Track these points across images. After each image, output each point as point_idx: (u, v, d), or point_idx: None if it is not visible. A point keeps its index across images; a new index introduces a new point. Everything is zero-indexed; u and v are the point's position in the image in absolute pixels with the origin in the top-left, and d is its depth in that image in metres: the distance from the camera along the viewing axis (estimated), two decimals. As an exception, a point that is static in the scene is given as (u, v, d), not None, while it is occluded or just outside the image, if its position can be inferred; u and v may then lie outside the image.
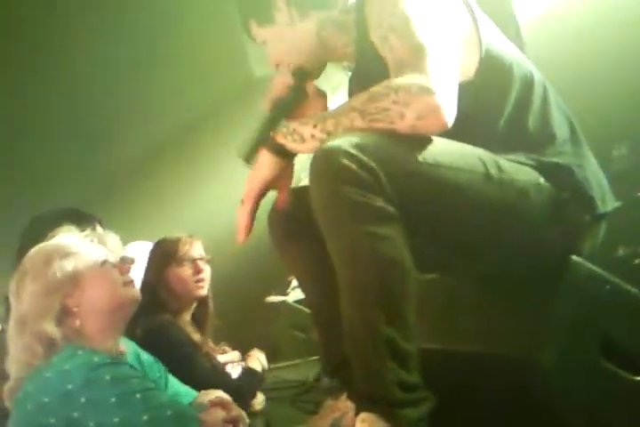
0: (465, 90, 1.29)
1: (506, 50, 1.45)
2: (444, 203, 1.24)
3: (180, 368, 1.82)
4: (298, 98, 1.53)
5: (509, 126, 1.39)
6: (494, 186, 1.27)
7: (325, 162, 1.18)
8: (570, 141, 1.43)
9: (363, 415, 1.19)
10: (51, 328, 1.47)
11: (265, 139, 1.42)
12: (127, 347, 1.68)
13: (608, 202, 1.42)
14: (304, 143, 1.33)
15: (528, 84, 1.43)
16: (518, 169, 1.33)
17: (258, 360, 2.37)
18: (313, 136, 1.30)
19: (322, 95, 1.56)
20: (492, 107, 1.39)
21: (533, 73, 1.46)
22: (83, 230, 1.76)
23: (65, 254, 1.56)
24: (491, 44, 1.40)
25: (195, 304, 2.42)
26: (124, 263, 1.62)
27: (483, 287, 1.46)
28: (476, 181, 1.26)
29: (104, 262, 1.59)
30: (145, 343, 1.88)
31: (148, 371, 1.68)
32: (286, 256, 1.61)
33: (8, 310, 1.60)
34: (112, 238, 1.65)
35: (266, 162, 1.40)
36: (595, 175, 1.42)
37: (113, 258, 1.62)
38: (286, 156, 1.40)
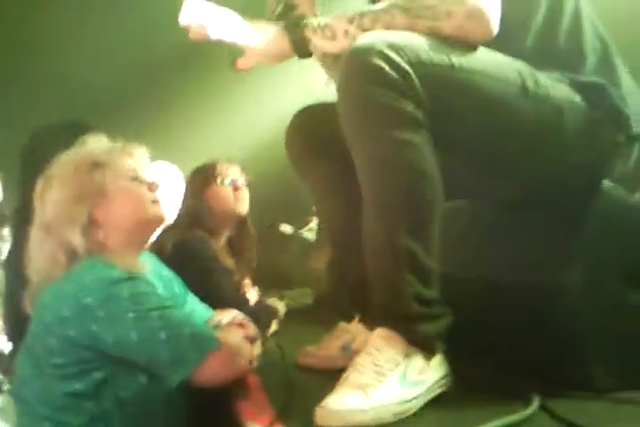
0: None
1: None
2: (478, 112, 1.20)
3: (199, 283, 1.83)
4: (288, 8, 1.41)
5: (539, 41, 1.34)
6: (530, 99, 1.23)
7: (357, 61, 1.13)
8: (604, 60, 1.38)
9: (379, 331, 1.19)
10: (75, 237, 1.46)
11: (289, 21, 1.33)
12: (148, 262, 1.67)
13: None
14: (335, 40, 1.26)
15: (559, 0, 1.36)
16: (555, 85, 1.29)
17: (276, 301, 2.39)
18: (346, 33, 1.24)
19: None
20: (520, 18, 1.33)
21: None
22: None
23: (95, 164, 1.53)
24: None
25: (232, 228, 2.42)
26: (153, 181, 1.60)
27: (508, 212, 1.44)
28: (511, 92, 1.22)
29: (134, 178, 1.56)
30: (171, 257, 1.89)
31: (167, 287, 1.68)
32: (304, 173, 1.56)
33: (24, 217, 1.58)
34: (140, 152, 1.61)
35: (276, 48, 1.34)
36: (630, 95, 1.37)
37: (142, 173, 1.59)
38: (303, 52, 1.33)
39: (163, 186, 1.65)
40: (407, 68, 1.11)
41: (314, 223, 3.18)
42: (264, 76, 3.32)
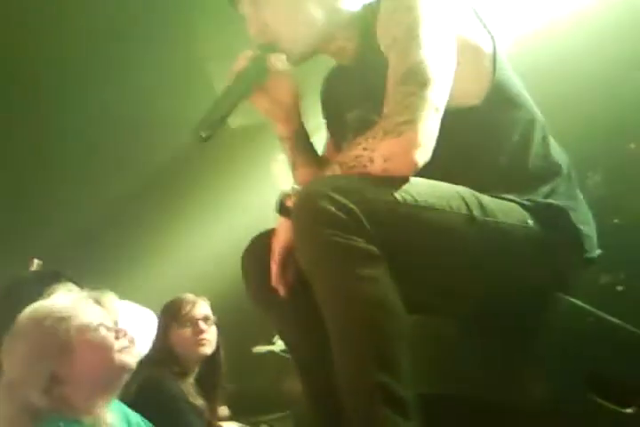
0: (468, 115, 1.29)
1: (518, 86, 1.44)
2: (425, 244, 1.22)
3: (169, 425, 1.77)
4: (258, 71, 1.47)
5: (510, 162, 1.37)
6: (476, 227, 1.25)
7: (305, 205, 1.18)
8: (565, 182, 1.41)
9: None
10: (37, 397, 1.43)
11: (225, 115, 1.39)
12: (116, 410, 1.62)
13: (595, 248, 1.39)
14: None
15: (531, 121, 1.42)
16: (505, 209, 1.31)
17: None
18: None
19: (286, 74, 1.51)
20: (495, 139, 1.38)
21: (536, 110, 1.46)
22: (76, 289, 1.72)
23: (58, 318, 1.51)
24: (504, 75, 1.39)
25: (198, 367, 2.38)
26: (120, 328, 1.57)
27: (468, 327, 1.44)
28: (456, 221, 1.24)
29: (99, 326, 1.53)
30: (138, 398, 1.84)
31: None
32: (262, 303, 1.52)
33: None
34: (108, 298, 1.61)
35: (283, 227, 1.37)
36: (586, 218, 1.41)
37: (110, 320, 1.57)
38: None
39: (133, 329, 1.64)
40: (353, 206, 1.14)
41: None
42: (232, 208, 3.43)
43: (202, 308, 2.43)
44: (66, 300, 1.58)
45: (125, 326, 1.59)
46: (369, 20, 1.42)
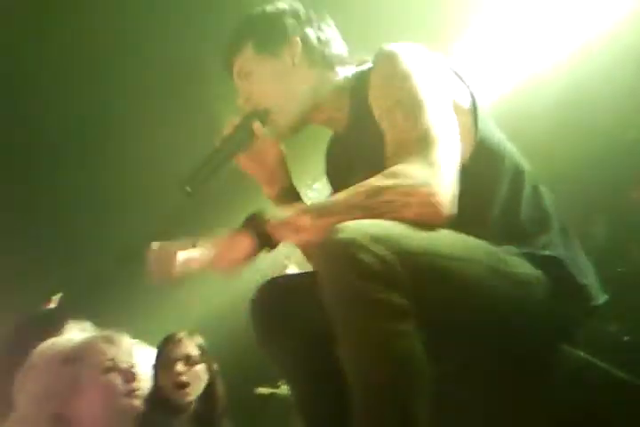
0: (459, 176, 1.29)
1: (499, 138, 1.44)
2: (455, 295, 1.20)
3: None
4: (244, 138, 1.50)
5: (502, 216, 1.37)
6: (499, 278, 1.24)
7: (340, 255, 1.11)
8: (559, 232, 1.41)
9: None
10: None
11: (209, 174, 1.42)
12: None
13: (600, 294, 1.38)
14: (300, 234, 1.27)
15: (520, 173, 1.42)
16: (517, 260, 1.30)
17: None
18: (314, 227, 1.25)
19: (270, 139, 1.52)
20: (484, 195, 1.37)
21: (524, 163, 1.46)
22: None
23: (70, 358, 1.52)
24: (486, 129, 1.40)
25: (194, 404, 2.33)
26: (130, 371, 1.57)
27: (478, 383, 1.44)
28: (483, 273, 1.23)
29: (109, 369, 1.54)
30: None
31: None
32: (270, 349, 1.48)
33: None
34: (121, 339, 1.61)
35: (243, 247, 1.32)
36: (586, 267, 1.40)
37: (121, 361, 1.57)
38: (268, 243, 1.33)
39: (143, 369, 1.63)
40: (391, 259, 1.11)
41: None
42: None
43: (183, 347, 2.35)
44: (78, 339, 1.58)
45: (136, 368, 1.58)
46: (360, 88, 1.43)
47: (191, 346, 2.37)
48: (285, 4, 1.55)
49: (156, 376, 2.28)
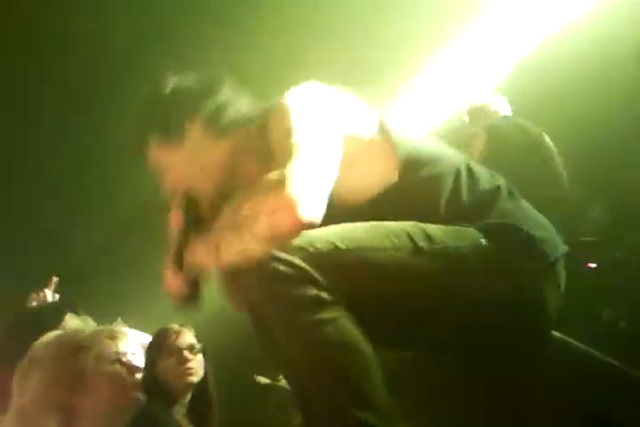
0: (392, 192, 1.34)
1: (430, 145, 1.48)
2: (379, 283, 1.26)
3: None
4: (193, 223, 1.49)
5: (447, 208, 1.40)
6: (425, 257, 1.29)
7: (258, 269, 1.21)
8: (508, 200, 1.44)
9: None
10: (50, 424, 1.45)
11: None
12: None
13: (559, 247, 1.41)
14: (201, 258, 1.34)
15: (457, 172, 1.44)
16: (455, 234, 1.34)
17: None
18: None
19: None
20: (432, 193, 1.41)
21: (459, 157, 1.49)
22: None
23: (77, 348, 1.55)
24: (410, 145, 1.42)
25: (189, 396, 2.37)
26: (134, 364, 1.59)
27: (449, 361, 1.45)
28: (404, 256, 1.28)
29: (115, 360, 1.57)
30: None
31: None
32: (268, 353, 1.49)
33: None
34: (125, 334, 1.63)
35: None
36: (539, 225, 1.43)
37: (125, 354, 1.60)
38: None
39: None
40: (298, 262, 1.20)
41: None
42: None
43: (186, 337, 2.42)
44: (84, 331, 1.60)
45: (139, 360, 1.61)
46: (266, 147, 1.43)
47: (191, 336, 2.42)
48: (176, 80, 1.51)
49: (156, 366, 2.32)
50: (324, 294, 1.20)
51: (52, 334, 1.60)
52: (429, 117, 4.32)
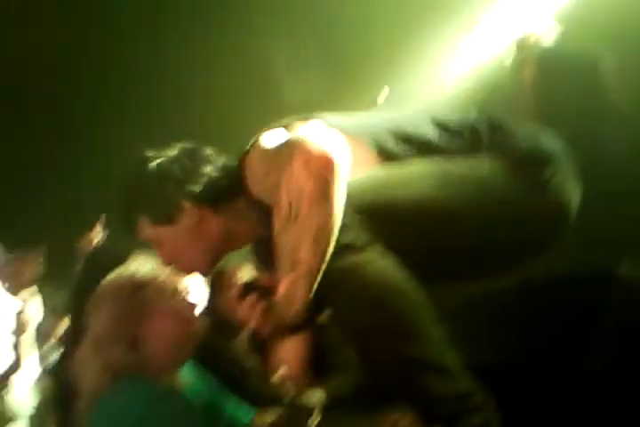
0: None
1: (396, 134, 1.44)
2: (422, 223, 1.28)
3: (231, 387, 1.86)
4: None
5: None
6: (452, 186, 1.32)
7: None
8: (491, 124, 1.45)
9: None
10: (119, 356, 1.55)
11: None
12: (188, 373, 1.74)
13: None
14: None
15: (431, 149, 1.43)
16: (464, 165, 1.36)
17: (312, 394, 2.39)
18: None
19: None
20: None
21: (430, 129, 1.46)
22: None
23: (140, 284, 1.63)
24: (383, 140, 1.41)
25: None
26: (192, 302, 1.68)
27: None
28: (431, 188, 1.31)
29: (176, 296, 1.65)
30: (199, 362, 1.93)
31: (206, 396, 1.73)
32: None
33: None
34: None
35: None
36: (530, 133, 1.45)
37: (183, 291, 1.68)
38: None
39: (199, 296, 1.73)
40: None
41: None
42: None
43: (244, 273, 2.50)
44: (144, 268, 1.69)
45: (197, 296, 1.70)
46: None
47: (250, 271, 2.50)
48: (158, 163, 1.53)
49: (216, 301, 2.42)
50: (362, 236, 1.22)
51: (118, 271, 1.70)
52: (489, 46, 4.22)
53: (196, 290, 1.75)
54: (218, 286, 2.49)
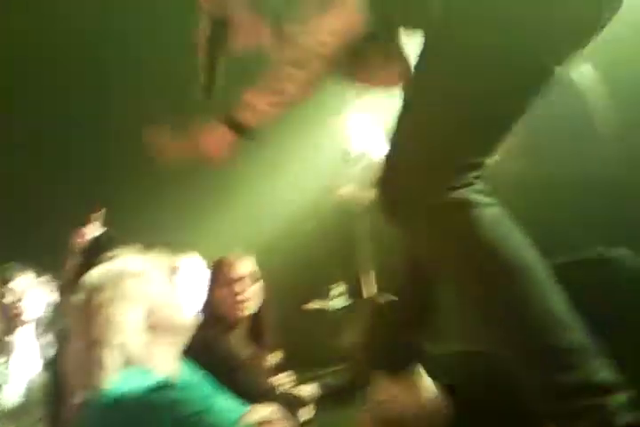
0: None
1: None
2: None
3: (222, 383, 1.86)
4: (221, 32, 1.55)
5: None
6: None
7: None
8: None
9: None
10: (122, 345, 1.54)
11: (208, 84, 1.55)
12: (183, 365, 1.73)
13: None
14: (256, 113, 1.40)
15: None
16: None
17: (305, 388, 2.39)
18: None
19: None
20: None
21: None
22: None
23: (133, 273, 1.64)
24: None
25: (247, 322, 2.47)
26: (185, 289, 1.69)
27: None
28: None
29: (170, 282, 1.67)
30: (193, 356, 1.93)
31: (200, 389, 1.72)
32: None
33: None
34: (178, 258, 1.72)
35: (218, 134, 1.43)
36: None
37: (177, 278, 1.69)
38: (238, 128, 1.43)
39: (193, 285, 1.73)
40: None
41: (339, 289, 3.20)
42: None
43: (240, 268, 2.48)
44: (136, 260, 1.71)
45: (189, 287, 1.70)
46: None
47: (247, 266, 2.49)
48: None
49: (212, 295, 2.41)
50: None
51: (105, 267, 1.70)
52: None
53: (188, 282, 1.75)
54: (214, 277, 2.48)
